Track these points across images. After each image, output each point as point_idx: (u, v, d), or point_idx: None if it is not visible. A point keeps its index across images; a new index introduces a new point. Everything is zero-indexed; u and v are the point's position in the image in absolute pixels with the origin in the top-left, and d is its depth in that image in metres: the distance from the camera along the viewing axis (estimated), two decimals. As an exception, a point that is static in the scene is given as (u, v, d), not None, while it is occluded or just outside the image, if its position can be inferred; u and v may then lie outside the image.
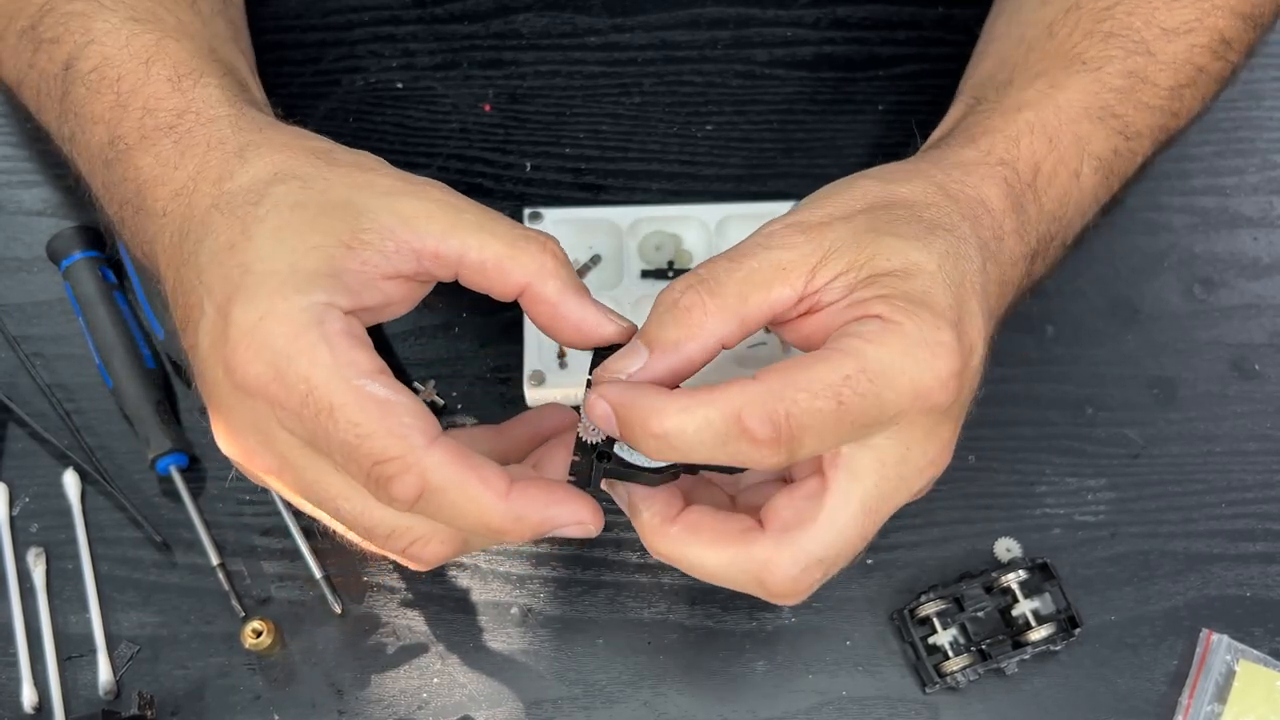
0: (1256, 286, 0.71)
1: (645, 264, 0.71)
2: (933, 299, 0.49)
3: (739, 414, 0.46)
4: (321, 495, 0.49)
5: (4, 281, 0.71)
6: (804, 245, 0.50)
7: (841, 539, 0.48)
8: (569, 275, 0.50)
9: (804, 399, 0.46)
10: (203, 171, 0.52)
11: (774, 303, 0.50)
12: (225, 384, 0.48)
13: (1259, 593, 0.64)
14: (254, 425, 0.48)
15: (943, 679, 0.60)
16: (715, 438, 0.46)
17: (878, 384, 0.46)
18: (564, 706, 0.61)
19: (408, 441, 0.46)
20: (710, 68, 0.78)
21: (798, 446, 0.46)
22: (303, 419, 0.46)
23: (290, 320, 0.46)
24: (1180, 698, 0.61)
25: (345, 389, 0.46)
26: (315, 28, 0.79)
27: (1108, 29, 0.61)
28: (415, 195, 0.50)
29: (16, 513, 0.65)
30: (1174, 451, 0.67)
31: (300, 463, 0.48)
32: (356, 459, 0.46)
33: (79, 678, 0.61)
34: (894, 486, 0.49)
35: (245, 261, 0.48)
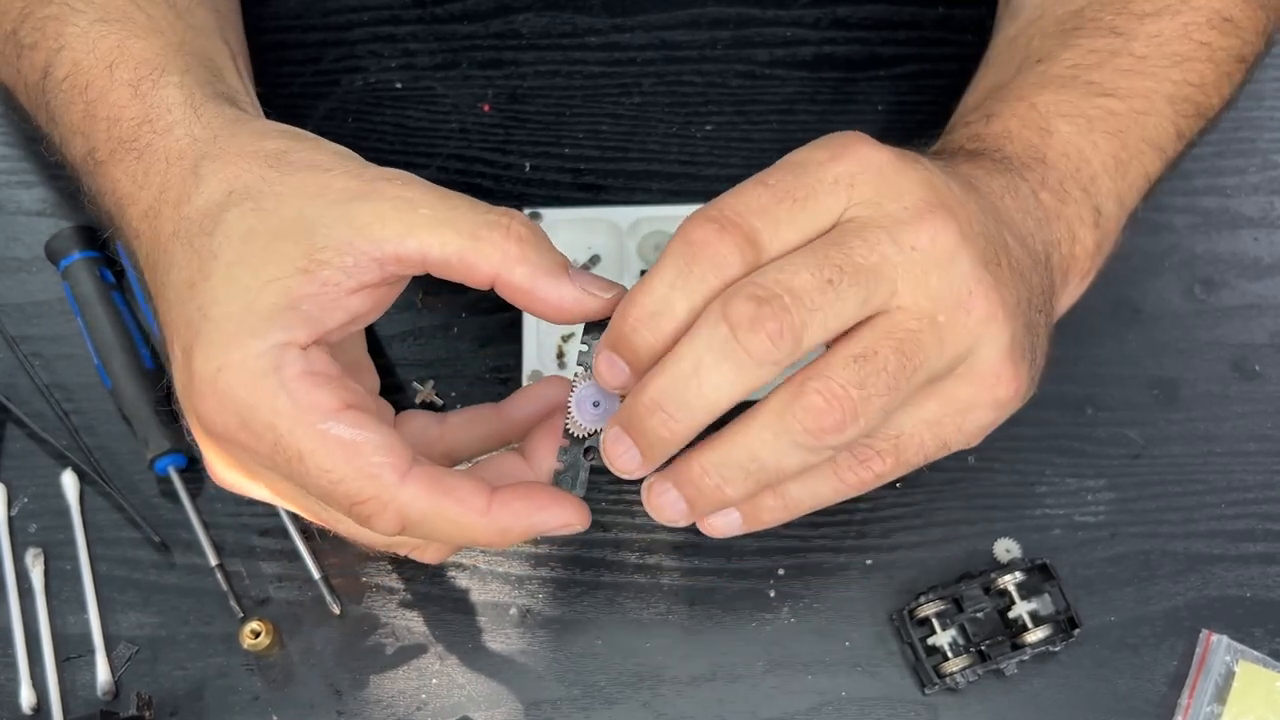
0: (1258, 287, 0.71)
1: (645, 264, 0.70)
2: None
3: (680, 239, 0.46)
4: (323, 516, 0.51)
5: (3, 281, 0.71)
6: None
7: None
8: (540, 255, 0.48)
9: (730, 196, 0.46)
10: (164, 193, 0.52)
11: None
12: (199, 429, 0.49)
13: (1259, 593, 0.63)
14: (237, 461, 0.50)
15: (942, 680, 0.60)
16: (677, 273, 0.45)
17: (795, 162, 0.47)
18: (563, 707, 0.61)
19: (379, 481, 0.46)
20: (710, 68, 0.78)
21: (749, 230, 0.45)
22: (276, 464, 0.47)
23: (246, 369, 0.46)
24: (1180, 698, 0.61)
25: (310, 435, 0.46)
26: (315, 28, 0.79)
27: (1069, 27, 0.61)
28: (368, 198, 0.48)
29: (15, 513, 0.65)
30: (1174, 452, 0.67)
31: (289, 492, 0.50)
32: (334, 500, 0.47)
33: (77, 678, 0.61)
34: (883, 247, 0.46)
35: (202, 305, 0.48)
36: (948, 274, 0.47)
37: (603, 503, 0.65)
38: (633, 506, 0.65)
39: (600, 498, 0.65)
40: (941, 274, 0.46)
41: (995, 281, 0.48)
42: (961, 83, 0.72)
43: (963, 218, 0.48)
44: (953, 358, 0.47)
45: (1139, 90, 0.59)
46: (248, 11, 0.76)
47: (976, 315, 0.47)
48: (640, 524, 0.64)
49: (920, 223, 0.46)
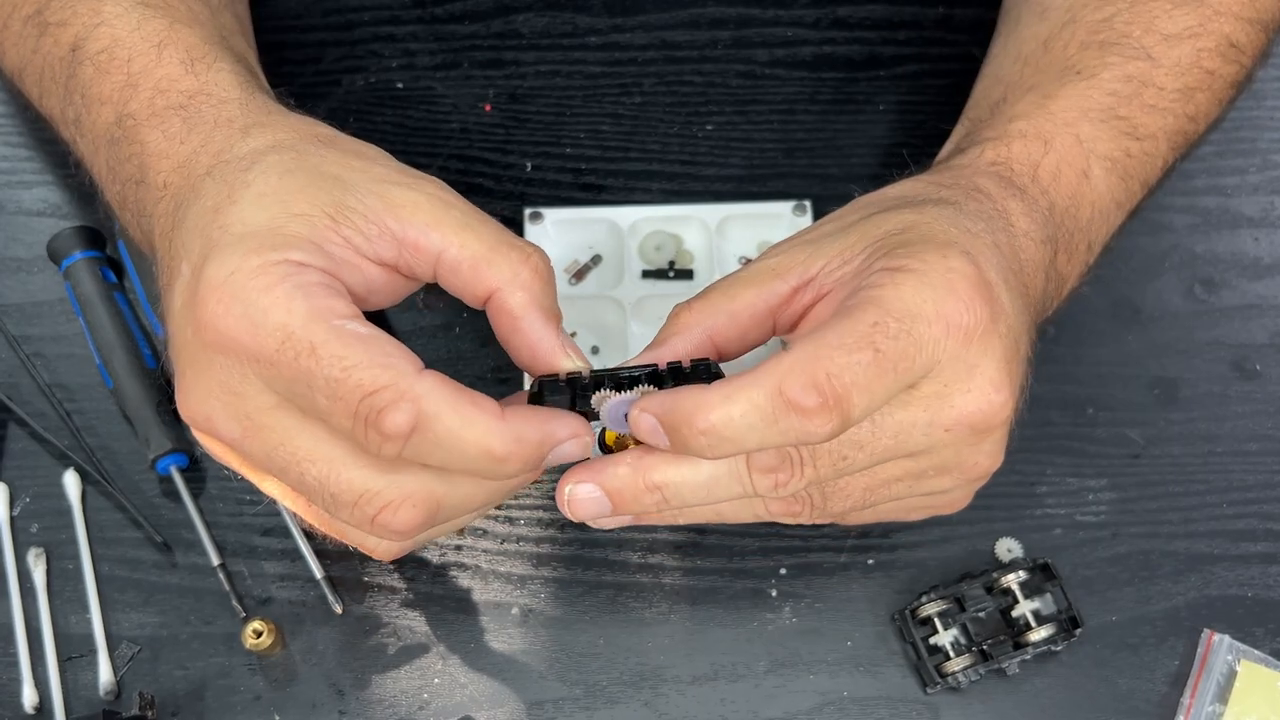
0: (1258, 287, 0.71)
1: (646, 264, 0.71)
2: (935, 236, 0.49)
3: (779, 388, 0.44)
4: (287, 459, 0.47)
5: (4, 281, 0.71)
6: (796, 250, 0.52)
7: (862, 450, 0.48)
8: (543, 294, 0.49)
9: (839, 355, 0.45)
10: (206, 145, 0.52)
11: (766, 295, 0.51)
12: (194, 343, 0.46)
13: (1260, 593, 0.64)
14: (221, 385, 0.46)
15: (944, 679, 0.60)
16: (764, 418, 0.45)
17: (906, 322, 0.46)
18: (565, 707, 0.61)
19: (397, 369, 0.44)
20: (711, 68, 0.78)
21: (848, 407, 0.45)
22: (280, 364, 0.44)
23: (263, 273, 0.45)
24: (1181, 698, 0.61)
25: (325, 328, 0.44)
26: (315, 28, 0.79)
27: (1103, 39, 0.61)
28: (407, 186, 0.49)
29: (17, 513, 0.65)
30: (1175, 452, 0.67)
31: (268, 422, 0.47)
32: (343, 394, 0.44)
33: (79, 678, 0.61)
34: (913, 414, 0.48)
35: (225, 223, 0.47)
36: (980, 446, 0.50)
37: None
38: (634, 506, 0.65)
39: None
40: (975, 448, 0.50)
41: (1012, 412, 0.50)
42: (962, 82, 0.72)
43: (1014, 370, 0.49)
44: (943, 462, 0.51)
45: (1153, 129, 0.60)
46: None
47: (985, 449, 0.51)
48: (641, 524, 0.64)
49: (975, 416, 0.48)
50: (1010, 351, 0.49)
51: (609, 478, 0.49)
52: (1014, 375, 0.49)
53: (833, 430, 0.45)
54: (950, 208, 0.52)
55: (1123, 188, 0.60)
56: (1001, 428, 0.49)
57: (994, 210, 0.54)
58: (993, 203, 0.54)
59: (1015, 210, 0.55)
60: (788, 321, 0.51)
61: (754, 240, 0.71)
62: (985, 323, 0.47)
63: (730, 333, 0.51)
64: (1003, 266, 0.51)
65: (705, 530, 0.65)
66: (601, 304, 0.69)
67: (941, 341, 0.46)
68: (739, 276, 0.52)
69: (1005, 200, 0.55)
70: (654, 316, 0.69)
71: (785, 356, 0.45)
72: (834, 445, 0.47)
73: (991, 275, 0.49)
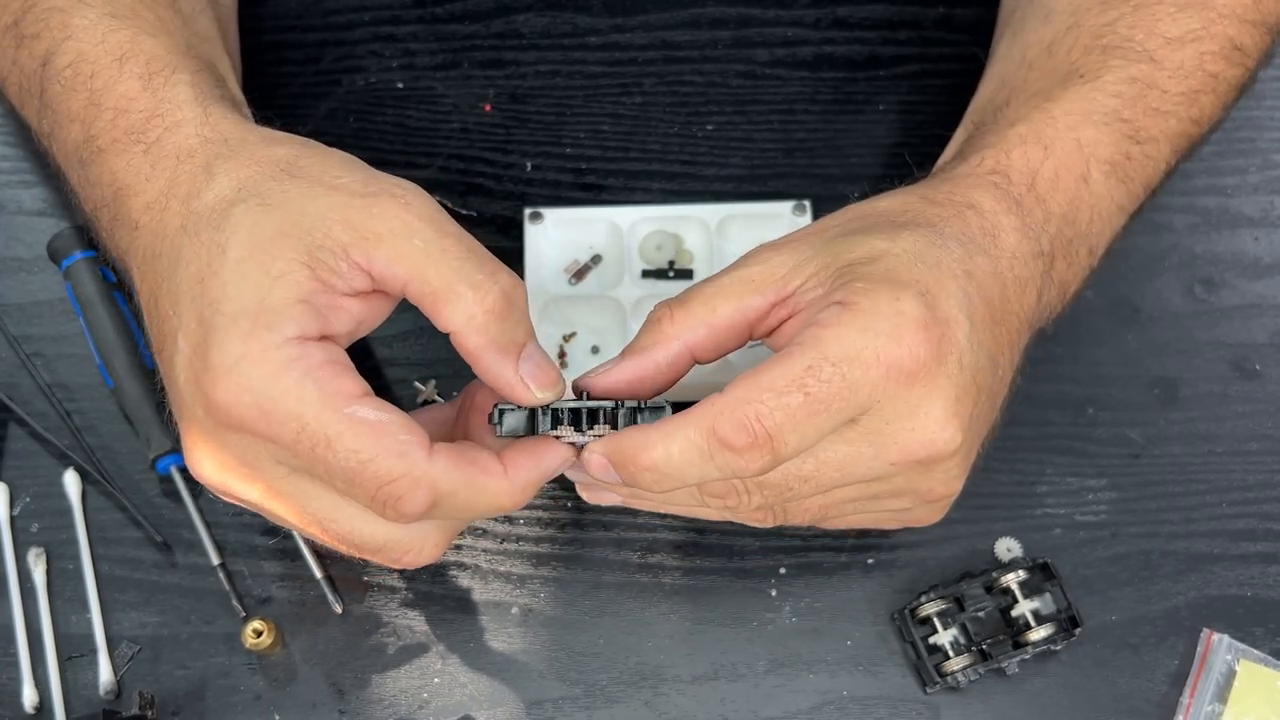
0: (1258, 286, 0.71)
1: (646, 264, 0.71)
2: (895, 274, 0.50)
3: (713, 427, 0.47)
4: (308, 519, 0.50)
5: (4, 281, 0.71)
6: (774, 259, 0.53)
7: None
8: (499, 332, 0.50)
9: (769, 398, 0.47)
10: (174, 187, 0.52)
11: (744, 310, 0.52)
12: (206, 421, 0.48)
13: (1260, 593, 0.64)
14: (237, 459, 0.49)
15: (943, 679, 0.60)
16: (700, 455, 0.48)
17: (841, 366, 0.47)
18: (565, 706, 0.61)
19: (410, 459, 0.47)
20: (711, 68, 0.78)
21: (780, 445, 0.47)
22: (297, 454, 0.47)
23: (268, 360, 0.47)
24: (1181, 698, 0.61)
25: (338, 420, 0.46)
26: (315, 28, 0.79)
27: (1106, 43, 0.61)
28: (368, 213, 0.49)
29: (17, 513, 0.65)
30: (1175, 451, 0.67)
31: (286, 489, 0.49)
32: (361, 484, 0.47)
33: (80, 678, 0.61)
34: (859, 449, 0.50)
35: (214, 300, 0.48)
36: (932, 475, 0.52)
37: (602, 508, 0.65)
38: (634, 506, 0.65)
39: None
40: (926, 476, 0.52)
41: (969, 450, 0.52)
42: (962, 82, 0.72)
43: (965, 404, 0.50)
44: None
45: (1155, 132, 0.60)
46: (247, 12, 0.76)
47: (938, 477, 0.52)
48: (642, 524, 0.65)
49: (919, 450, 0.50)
50: (962, 388, 0.50)
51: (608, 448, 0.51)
52: (964, 410, 0.50)
53: (763, 466, 0.48)
54: (928, 233, 0.52)
55: (1124, 190, 0.60)
56: (952, 458, 0.51)
57: (981, 229, 0.54)
58: (982, 220, 0.55)
59: (1006, 227, 0.55)
60: (763, 332, 0.53)
61: (754, 240, 0.71)
62: (929, 365, 0.48)
63: (708, 344, 0.53)
64: (970, 297, 0.51)
65: (705, 530, 0.65)
66: (601, 304, 0.69)
67: (880, 384, 0.48)
68: (720, 286, 0.53)
69: (997, 216, 0.55)
70: (654, 316, 0.69)
71: (720, 397, 0.48)
72: (778, 477, 0.50)
73: (950, 312, 0.50)
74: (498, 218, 0.73)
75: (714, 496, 0.51)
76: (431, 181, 0.74)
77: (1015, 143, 0.58)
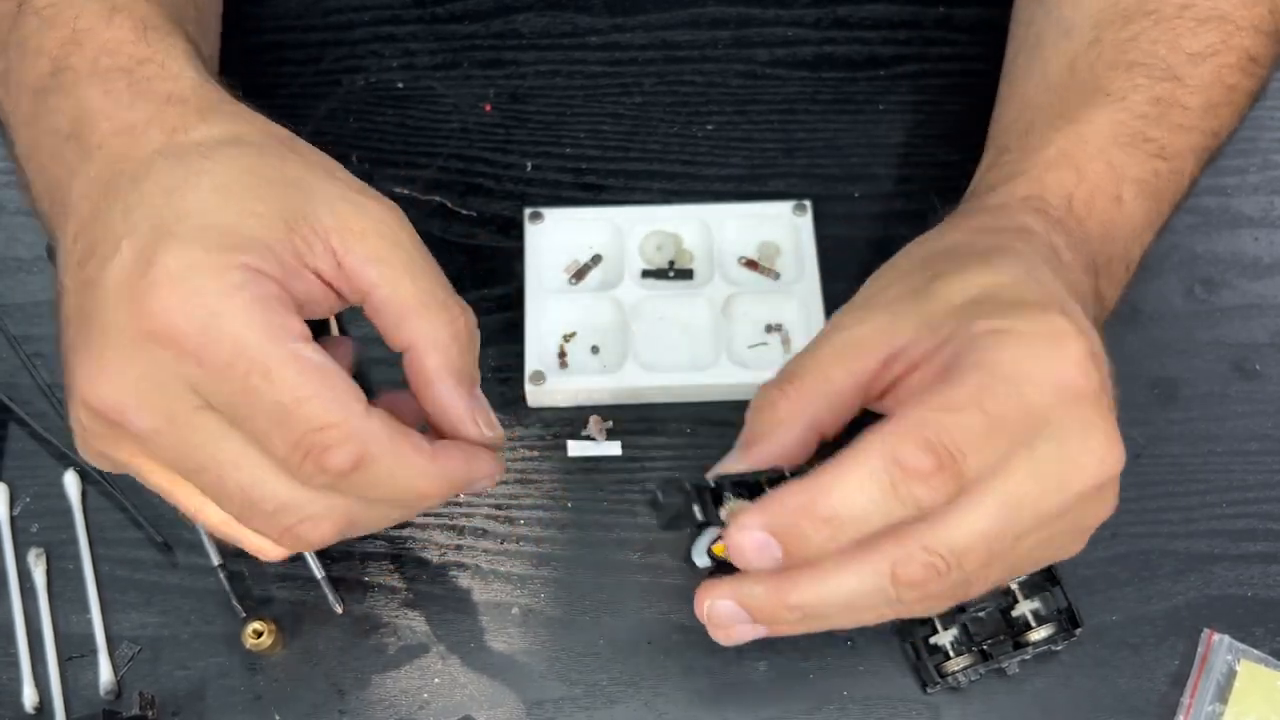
0: (1258, 286, 0.71)
1: (646, 264, 0.71)
2: (1027, 297, 0.48)
3: (894, 455, 0.43)
4: (206, 460, 0.46)
5: (4, 281, 0.71)
6: (871, 317, 0.50)
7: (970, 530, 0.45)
8: (459, 359, 0.49)
9: (949, 418, 0.44)
10: (157, 118, 0.49)
11: (856, 374, 0.49)
12: (130, 328, 0.44)
13: (1260, 593, 0.64)
14: (146, 377, 0.45)
15: (944, 679, 0.60)
16: (882, 491, 0.44)
17: (1014, 384, 0.45)
18: (565, 707, 0.61)
19: (349, 409, 0.45)
20: (711, 67, 0.78)
21: (964, 467, 0.44)
22: (226, 378, 0.44)
23: (222, 276, 0.44)
24: (1181, 698, 0.61)
25: (282, 353, 0.44)
26: (315, 27, 0.79)
27: (1131, 59, 0.61)
28: (360, 209, 0.48)
29: (17, 513, 0.65)
30: (1175, 451, 0.67)
31: (192, 421, 0.45)
32: (290, 424, 0.44)
33: (80, 678, 0.61)
34: (1044, 485, 0.46)
35: (181, 210, 0.46)
36: (1104, 499, 0.49)
37: (604, 503, 0.65)
38: (635, 506, 0.65)
39: (602, 498, 0.65)
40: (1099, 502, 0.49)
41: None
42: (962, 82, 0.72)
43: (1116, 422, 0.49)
44: None
45: (1181, 148, 0.60)
46: (247, 11, 0.76)
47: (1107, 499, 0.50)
48: (642, 523, 0.65)
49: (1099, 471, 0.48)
50: (1112, 400, 0.48)
51: (746, 596, 0.47)
52: (1116, 423, 0.48)
53: (949, 493, 0.44)
54: (1016, 257, 0.51)
55: (1154, 208, 0.60)
56: (1118, 477, 0.49)
57: (1047, 249, 0.53)
58: (1040, 240, 0.54)
59: (1060, 245, 0.54)
60: (876, 393, 0.50)
61: (754, 240, 0.71)
62: (1096, 381, 0.47)
63: (829, 418, 0.49)
64: (1083, 311, 0.50)
65: (705, 530, 0.65)
66: (601, 304, 0.69)
67: (1054, 404, 0.45)
68: (826, 354, 0.50)
69: (1050, 235, 0.54)
70: (654, 316, 0.69)
71: (890, 424, 0.44)
72: (975, 541, 0.45)
73: (1086, 324, 0.48)
74: (498, 218, 0.73)
75: (912, 587, 0.45)
76: (431, 181, 0.74)
77: (1046, 168, 0.58)
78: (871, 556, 0.45)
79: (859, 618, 0.48)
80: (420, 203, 0.73)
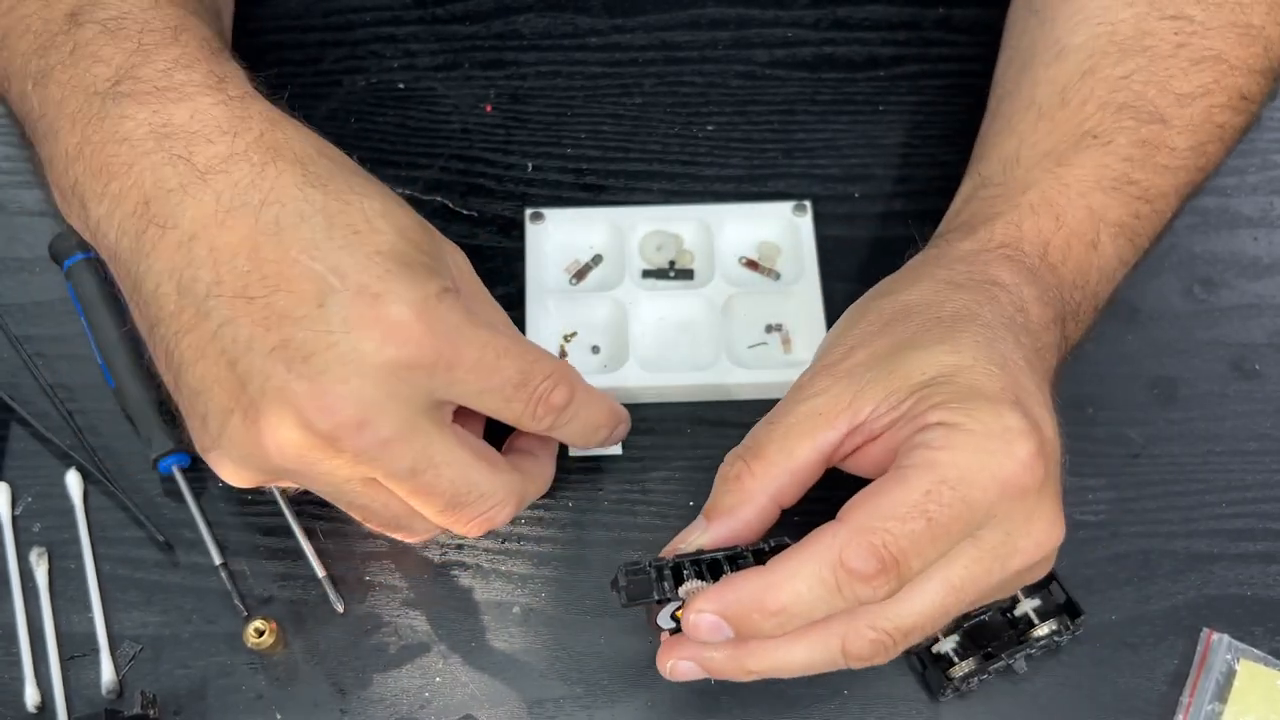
0: (1257, 286, 0.72)
1: (646, 264, 0.71)
2: (982, 389, 0.50)
3: (840, 560, 0.47)
4: (426, 462, 0.51)
5: (6, 282, 0.71)
6: (834, 386, 0.52)
7: (916, 611, 0.49)
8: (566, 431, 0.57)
9: (894, 525, 0.47)
10: (278, 151, 0.51)
11: (820, 447, 0.52)
12: (375, 358, 0.48)
13: (1259, 592, 0.64)
14: (391, 394, 0.49)
15: (952, 686, 0.60)
16: (828, 590, 0.47)
17: (960, 489, 0.47)
18: (566, 705, 0.61)
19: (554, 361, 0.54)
20: (711, 68, 0.78)
21: (905, 570, 0.47)
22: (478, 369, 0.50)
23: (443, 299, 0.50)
24: (1181, 697, 0.61)
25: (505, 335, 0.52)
26: (316, 28, 0.79)
27: (1121, 100, 0.61)
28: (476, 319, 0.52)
29: (19, 512, 0.65)
30: (1174, 451, 0.67)
31: (421, 425, 0.51)
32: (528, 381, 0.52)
33: (82, 677, 0.61)
34: (986, 567, 0.49)
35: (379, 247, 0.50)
36: (1046, 564, 0.53)
37: (605, 503, 0.65)
38: (635, 507, 0.65)
39: (602, 498, 0.65)
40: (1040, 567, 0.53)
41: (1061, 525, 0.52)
42: (961, 83, 0.72)
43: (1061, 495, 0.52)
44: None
45: (1166, 189, 0.61)
46: (248, 12, 0.76)
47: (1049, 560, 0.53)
48: (643, 524, 0.65)
49: (1036, 552, 0.51)
50: (1059, 481, 0.51)
51: (706, 660, 0.52)
52: (1060, 498, 0.51)
53: (890, 590, 0.47)
54: (980, 330, 0.52)
55: (1130, 248, 0.61)
56: (1057, 548, 0.52)
57: (1013, 306, 0.55)
58: (1010, 295, 0.55)
59: (1030, 298, 0.55)
60: (838, 459, 0.53)
61: (754, 240, 0.72)
62: (1041, 476, 0.49)
63: (790, 490, 0.53)
64: (1039, 384, 0.52)
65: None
66: (602, 303, 0.69)
67: (997, 502, 0.48)
68: (790, 426, 0.52)
69: (1020, 289, 0.56)
70: (654, 316, 0.69)
71: (840, 527, 0.48)
72: (920, 621, 0.50)
73: (1038, 413, 0.50)
74: (499, 218, 0.73)
75: (859, 659, 0.50)
76: (432, 182, 0.74)
77: (1026, 213, 0.58)
78: (823, 634, 0.49)
79: (811, 674, 0.52)
80: (421, 203, 0.73)
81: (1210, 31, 0.62)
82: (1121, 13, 0.62)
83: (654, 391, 0.67)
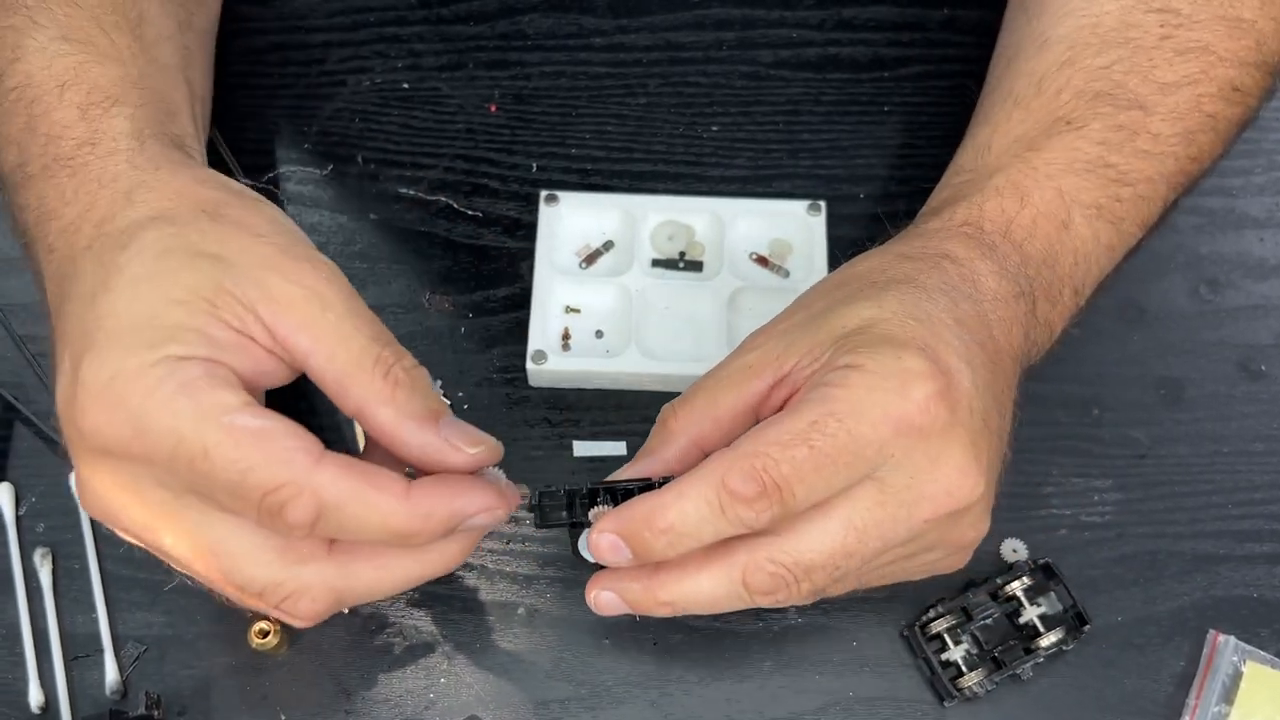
0: (1263, 287, 0.71)
1: (657, 253, 0.71)
2: (893, 335, 0.50)
3: (722, 480, 0.48)
4: (192, 551, 0.48)
5: (9, 281, 0.71)
6: (768, 343, 0.53)
7: (815, 548, 0.49)
8: (410, 401, 0.48)
9: (775, 450, 0.48)
10: (90, 210, 0.51)
11: (745, 397, 0.53)
12: (80, 446, 0.47)
13: (1266, 594, 0.64)
14: (117, 485, 0.47)
15: (960, 692, 0.60)
16: (713, 510, 0.48)
17: (847, 421, 0.48)
18: (570, 707, 0.61)
19: (293, 466, 0.45)
20: (715, 69, 0.78)
21: (788, 496, 0.48)
22: (175, 470, 0.45)
23: (143, 378, 0.45)
24: (1187, 699, 0.61)
25: (215, 429, 0.45)
26: (320, 28, 0.79)
27: (1099, 88, 0.61)
28: (286, 276, 0.48)
29: (23, 512, 0.65)
30: (1180, 452, 0.67)
31: (175, 511, 0.47)
32: (244, 494, 0.45)
33: (86, 677, 0.61)
34: (891, 512, 0.49)
35: (100, 315, 0.47)
36: (961, 523, 0.52)
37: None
38: (640, 506, 0.65)
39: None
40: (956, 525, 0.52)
41: (990, 492, 0.52)
42: (966, 83, 0.72)
43: (981, 448, 0.51)
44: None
45: (1148, 174, 0.60)
46: (251, 13, 0.76)
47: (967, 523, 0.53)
48: (647, 524, 0.64)
49: (947, 502, 0.50)
50: (976, 432, 0.50)
51: (624, 590, 0.52)
52: (981, 454, 0.51)
53: (774, 516, 0.48)
54: (910, 289, 0.53)
55: (1113, 231, 0.60)
56: (978, 504, 0.51)
57: (960, 276, 0.55)
58: (959, 268, 0.55)
59: (984, 271, 0.56)
60: (768, 412, 0.53)
61: (766, 237, 0.72)
62: (943, 419, 0.49)
63: (714, 436, 0.53)
64: (966, 342, 0.52)
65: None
66: (609, 289, 0.69)
67: (891, 439, 0.48)
68: (720, 377, 0.54)
69: (974, 262, 0.56)
70: (660, 305, 0.69)
71: (728, 452, 0.49)
72: (821, 559, 0.50)
73: (951, 362, 0.50)
74: (503, 218, 0.73)
75: (762, 594, 0.50)
76: (437, 182, 0.74)
77: (991, 194, 0.59)
78: (725, 564, 0.50)
79: (724, 610, 0.52)
80: (426, 203, 0.73)
81: (1197, 24, 0.61)
82: (1106, 6, 0.62)
83: (655, 380, 0.67)
